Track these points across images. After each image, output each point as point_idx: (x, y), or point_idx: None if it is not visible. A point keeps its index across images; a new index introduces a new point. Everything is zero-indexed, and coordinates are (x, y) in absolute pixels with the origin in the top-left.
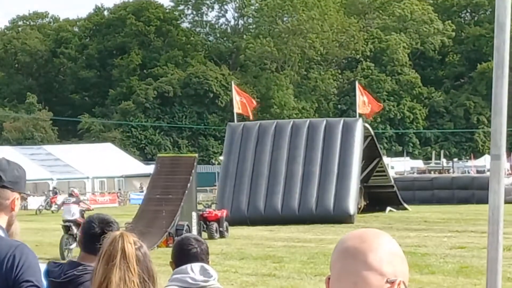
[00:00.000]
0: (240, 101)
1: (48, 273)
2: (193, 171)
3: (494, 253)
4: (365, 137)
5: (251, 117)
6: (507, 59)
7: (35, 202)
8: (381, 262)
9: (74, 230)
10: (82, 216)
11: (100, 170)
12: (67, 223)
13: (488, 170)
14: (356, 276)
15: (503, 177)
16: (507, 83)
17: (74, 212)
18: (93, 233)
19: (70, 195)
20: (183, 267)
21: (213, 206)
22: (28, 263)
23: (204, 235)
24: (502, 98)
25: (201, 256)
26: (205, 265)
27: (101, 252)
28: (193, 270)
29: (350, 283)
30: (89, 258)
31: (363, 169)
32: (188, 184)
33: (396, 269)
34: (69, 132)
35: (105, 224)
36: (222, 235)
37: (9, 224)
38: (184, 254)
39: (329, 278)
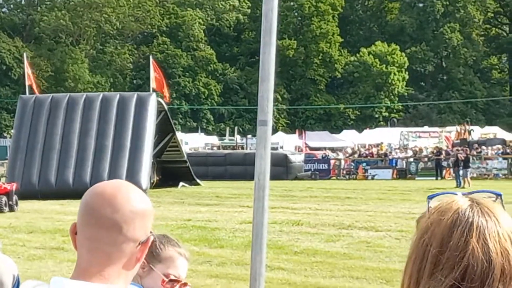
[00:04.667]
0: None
1: None
2: None
3: (260, 218)
4: (159, 112)
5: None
6: (274, 26)
7: None
8: (135, 230)
9: None
10: None
11: None
12: None
13: (282, 147)
14: (111, 247)
15: (269, 142)
16: (274, 50)
17: None
18: None
19: None
20: None
21: (3, 180)
22: None
23: None
24: (269, 65)
25: None
26: None
27: None
28: None
29: (103, 252)
30: None
31: (156, 144)
32: None
33: (147, 228)
34: None
35: None
36: (11, 209)
37: None
38: None
39: (75, 233)
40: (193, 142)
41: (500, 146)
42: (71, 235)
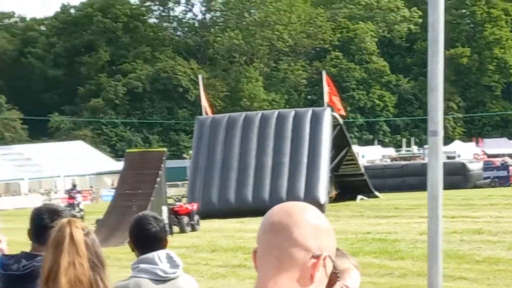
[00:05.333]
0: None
1: (2, 266)
2: (162, 165)
3: (434, 228)
4: (334, 126)
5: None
6: (441, 36)
7: (7, 202)
8: (306, 237)
9: None
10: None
11: (71, 168)
12: None
13: (459, 156)
14: (281, 251)
15: (441, 153)
16: (442, 59)
17: None
18: (44, 225)
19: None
20: (150, 255)
21: (184, 200)
22: None
23: (175, 229)
24: (437, 75)
25: (160, 235)
26: (170, 252)
27: (50, 239)
28: (161, 259)
29: (274, 257)
30: (42, 249)
31: (332, 158)
32: (157, 179)
33: (322, 243)
34: (39, 131)
35: (55, 214)
36: (193, 229)
37: None
38: (143, 234)
39: (255, 252)
40: (369, 155)
41: None
42: (252, 254)
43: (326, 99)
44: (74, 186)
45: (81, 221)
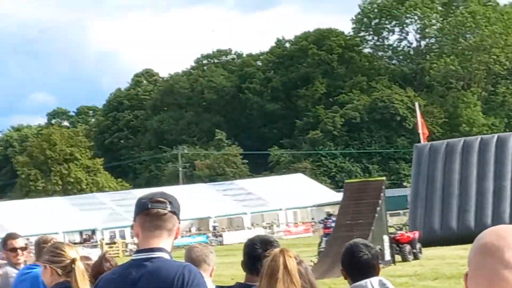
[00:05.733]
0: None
1: None
2: (381, 194)
3: None
4: None
5: (422, 140)
6: None
7: (230, 237)
8: None
9: None
10: None
11: (292, 201)
12: None
13: None
14: (493, 273)
15: None
16: None
17: None
18: (257, 255)
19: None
20: (362, 283)
21: (405, 228)
22: (197, 281)
23: (398, 257)
24: None
25: (372, 262)
26: (383, 279)
27: (263, 269)
28: (373, 286)
29: (486, 280)
30: (255, 279)
31: None
32: (378, 208)
33: None
34: (259, 166)
35: (268, 245)
36: (415, 257)
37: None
38: (355, 262)
39: (467, 275)
40: None
41: None
42: (464, 277)
43: None
44: (329, 215)
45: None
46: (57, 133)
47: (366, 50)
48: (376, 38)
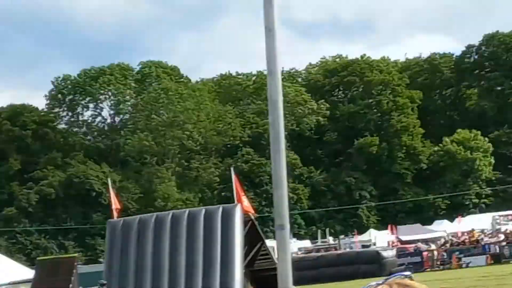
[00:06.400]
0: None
1: None
2: (74, 271)
3: None
4: (246, 222)
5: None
6: (282, 134)
7: None
8: None
9: None
10: None
11: None
12: None
13: (374, 244)
14: None
15: (289, 245)
16: (284, 156)
17: None
18: None
19: None
20: None
21: None
22: None
23: None
24: (281, 172)
25: None
26: None
27: None
28: None
29: None
30: None
31: (247, 254)
32: (70, 285)
33: None
34: None
35: None
36: None
37: None
38: None
39: None
40: None
41: None
42: None
43: (236, 198)
44: None
45: None
46: None
47: (61, 126)
48: (70, 114)
